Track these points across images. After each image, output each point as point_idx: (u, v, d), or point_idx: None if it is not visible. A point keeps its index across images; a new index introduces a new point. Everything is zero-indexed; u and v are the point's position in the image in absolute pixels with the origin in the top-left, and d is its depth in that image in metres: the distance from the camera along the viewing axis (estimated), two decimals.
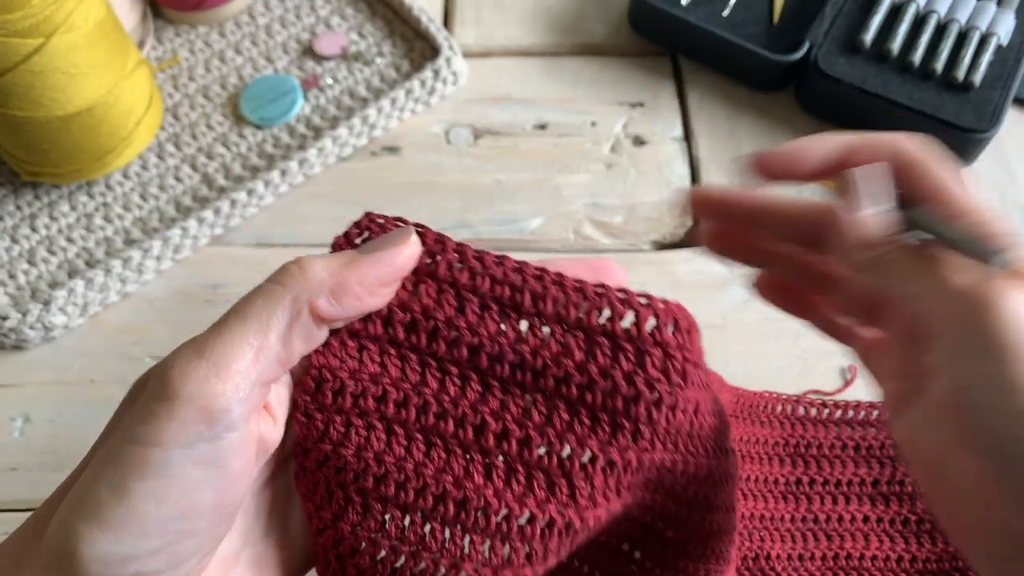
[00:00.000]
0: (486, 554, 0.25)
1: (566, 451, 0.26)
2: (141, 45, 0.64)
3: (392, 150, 0.61)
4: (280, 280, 0.25)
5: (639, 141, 0.62)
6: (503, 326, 0.27)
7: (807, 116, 0.63)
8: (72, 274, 0.55)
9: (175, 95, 0.63)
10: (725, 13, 0.64)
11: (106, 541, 0.22)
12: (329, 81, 0.63)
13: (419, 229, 0.28)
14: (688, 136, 0.62)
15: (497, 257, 0.27)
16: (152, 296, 0.55)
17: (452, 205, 0.59)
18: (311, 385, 0.26)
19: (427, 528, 0.25)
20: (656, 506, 0.30)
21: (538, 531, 0.25)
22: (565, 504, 0.26)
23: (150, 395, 0.23)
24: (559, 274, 0.27)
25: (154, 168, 0.59)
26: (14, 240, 0.57)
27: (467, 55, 0.65)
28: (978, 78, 0.58)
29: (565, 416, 0.26)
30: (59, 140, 0.53)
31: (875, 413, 0.50)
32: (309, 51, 0.65)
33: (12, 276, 0.55)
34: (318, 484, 0.26)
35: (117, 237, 0.57)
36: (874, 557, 0.45)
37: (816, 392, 0.52)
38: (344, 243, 0.28)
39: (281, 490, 0.28)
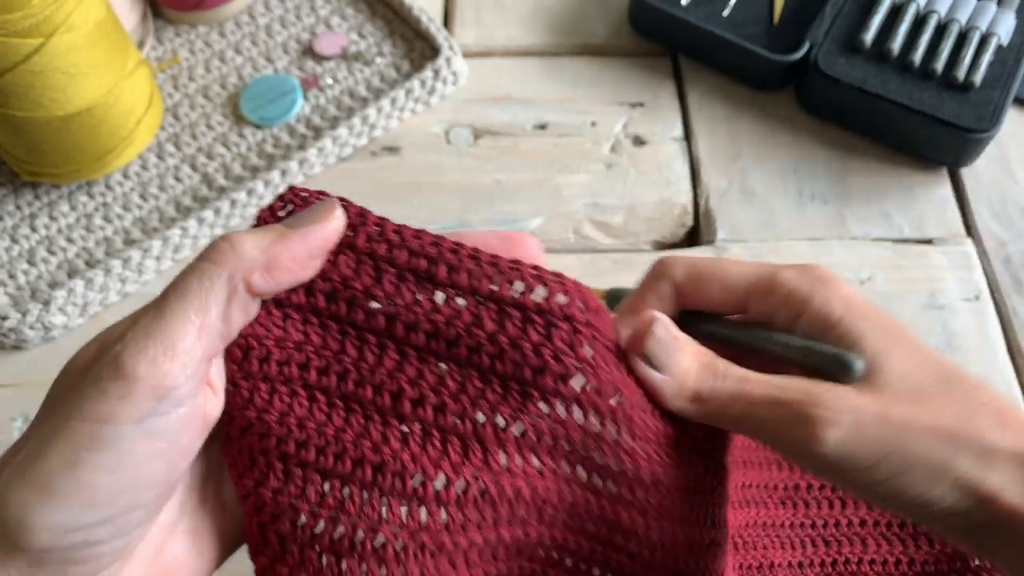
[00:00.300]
0: (403, 518, 0.26)
1: (480, 417, 0.27)
2: (141, 45, 0.64)
3: (392, 150, 0.61)
4: (213, 258, 0.25)
5: (639, 141, 0.62)
6: (419, 296, 0.27)
7: (807, 116, 0.63)
8: (72, 274, 0.55)
9: (175, 95, 0.63)
10: (725, 13, 0.64)
11: (55, 511, 0.23)
12: (329, 81, 0.63)
13: (342, 202, 0.29)
14: (688, 136, 0.62)
15: (416, 231, 0.28)
16: (152, 296, 0.55)
17: (452, 205, 0.59)
18: (238, 354, 0.27)
19: (345, 492, 0.26)
20: (607, 515, 0.30)
21: (453, 495, 0.26)
22: (479, 468, 0.26)
23: (101, 375, 0.24)
24: (475, 248, 0.28)
25: (154, 168, 0.60)
26: (14, 240, 0.57)
27: (467, 55, 0.65)
28: (978, 78, 0.58)
29: (478, 384, 0.27)
30: (59, 140, 0.53)
31: None
32: (309, 51, 0.65)
33: (12, 276, 0.55)
34: (242, 451, 0.27)
35: (117, 237, 0.57)
36: (872, 561, 0.45)
37: None
38: (268, 216, 0.28)
39: (214, 461, 0.29)
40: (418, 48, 0.65)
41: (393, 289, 0.27)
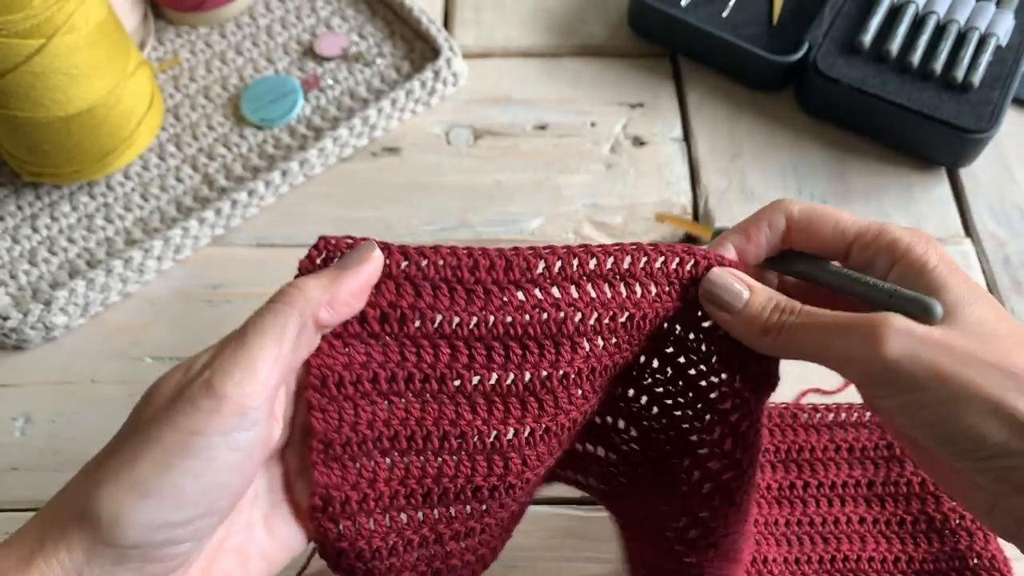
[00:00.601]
0: (488, 468, 0.33)
1: (527, 377, 0.33)
2: (142, 46, 0.64)
3: (392, 151, 0.62)
4: (285, 300, 0.30)
5: (639, 141, 0.62)
6: (455, 297, 0.33)
7: (806, 116, 0.63)
8: (73, 274, 0.56)
9: (176, 96, 0.63)
10: (725, 14, 0.64)
11: (148, 509, 0.26)
12: (330, 82, 0.63)
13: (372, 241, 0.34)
14: (688, 136, 0.63)
15: (432, 247, 0.33)
16: (153, 296, 0.55)
17: (452, 205, 0.59)
18: (316, 384, 0.32)
19: (438, 461, 0.33)
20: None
21: (523, 440, 0.33)
22: (538, 416, 0.33)
23: (193, 394, 0.28)
24: (483, 248, 0.33)
25: (155, 168, 0.60)
26: (15, 240, 0.57)
27: (467, 56, 0.65)
28: (977, 78, 0.58)
29: (518, 352, 0.33)
30: (60, 141, 0.53)
31: (867, 415, 0.50)
32: (310, 52, 0.65)
33: (13, 276, 0.55)
34: (346, 466, 0.32)
35: (118, 237, 0.57)
36: (871, 559, 0.46)
37: (816, 391, 0.52)
38: (308, 265, 0.33)
39: (263, 487, 0.32)
40: (418, 49, 0.65)
41: (432, 299, 0.33)
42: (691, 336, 0.35)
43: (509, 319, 0.33)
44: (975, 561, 0.45)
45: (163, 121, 0.61)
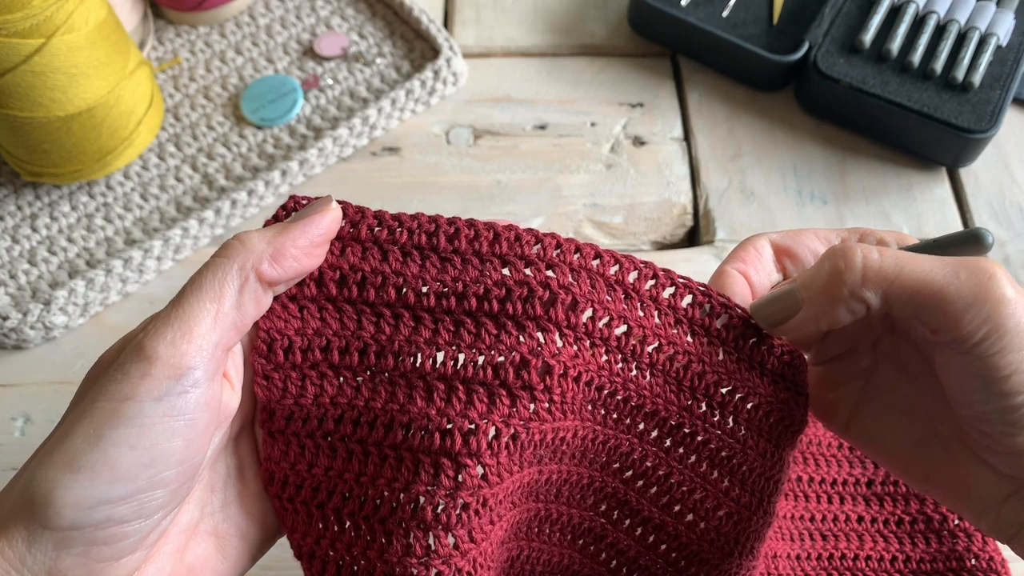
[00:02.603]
0: (435, 473, 0.27)
1: (499, 360, 0.28)
2: (142, 46, 0.64)
3: (392, 150, 0.62)
4: (224, 254, 0.28)
5: (639, 141, 0.62)
6: (426, 264, 0.29)
7: (806, 116, 0.63)
8: (73, 274, 0.56)
9: (176, 95, 0.63)
10: (725, 13, 0.64)
11: (80, 485, 0.24)
12: (329, 81, 0.63)
13: (341, 203, 0.31)
14: (688, 136, 0.63)
15: (413, 215, 0.30)
16: (153, 296, 0.55)
17: (452, 205, 0.59)
18: (263, 348, 0.29)
19: (380, 457, 0.28)
20: (621, 446, 0.31)
21: (484, 444, 0.27)
22: (507, 415, 0.27)
23: (123, 359, 0.26)
24: (470, 220, 0.30)
25: (155, 168, 0.60)
26: (15, 240, 0.57)
27: (467, 56, 0.65)
28: (977, 78, 0.58)
29: (492, 330, 0.28)
30: (60, 140, 0.53)
31: None
32: (310, 52, 0.65)
33: (13, 276, 0.55)
34: (289, 442, 0.29)
35: (118, 237, 0.57)
36: (868, 557, 0.46)
37: None
38: (274, 223, 0.30)
39: (234, 464, 0.30)
40: (418, 49, 0.65)
41: (400, 264, 0.29)
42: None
43: (485, 288, 0.29)
44: (973, 562, 0.45)
45: (163, 121, 0.61)
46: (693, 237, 0.59)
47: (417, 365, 0.28)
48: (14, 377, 0.53)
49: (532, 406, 0.28)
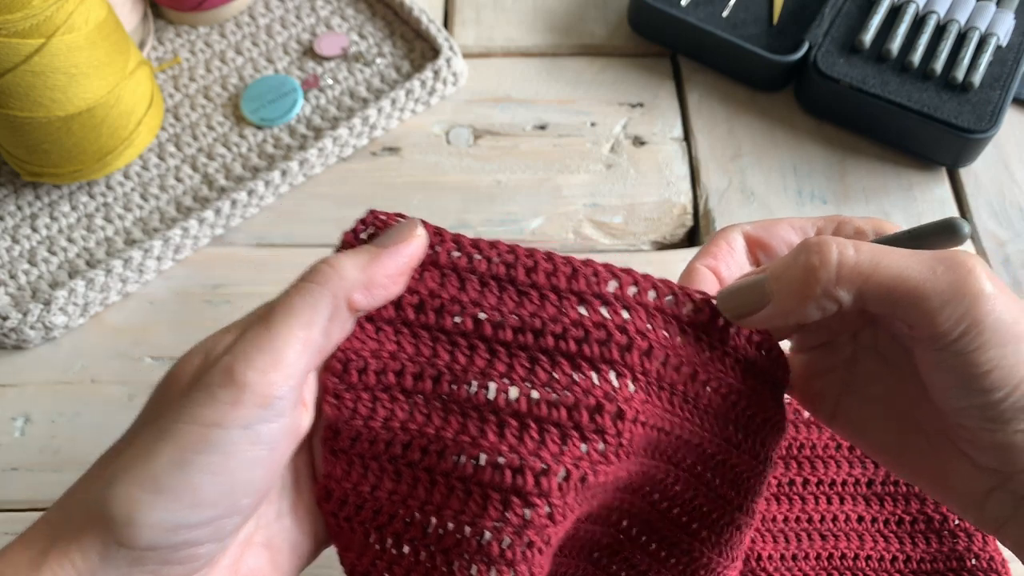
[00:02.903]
0: (503, 511, 0.27)
1: (572, 402, 0.28)
2: (142, 46, 0.64)
3: (392, 150, 0.62)
4: (317, 280, 0.27)
5: (639, 141, 0.62)
6: (503, 296, 0.29)
7: (806, 116, 0.63)
8: (73, 274, 0.56)
9: (176, 95, 0.63)
10: (725, 13, 0.64)
11: (162, 508, 0.24)
12: (329, 81, 0.63)
13: (420, 222, 0.30)
14: (688, 136, 0.63)
15: (490, 241, 0.30)
16: (153, 296, 0.55)
17: (452, 205, 0.59)
18: (338, 367, 0.29)
19: (447, 487, 0.28)
20: (658, 474, 0.31)
21: (554, 484, 0.27)
22: (578, 458, 0.27)
23: (212, 382, 0.25)
24: (548, 251, 0.30)
25: (155, 168, 0.60)
26: (15, 240, 0.57)
27: (467, 56, 0.65)
28: (977, 78, 0.58)
29: (568, 371, 0.28)
30: (60, 140, 0.53)
31: None
32: (310, 52, 0.65)
33: (13, 276, 0.55)
34: (353, 462, 0.29)
35: (118, 237, 0.57)
36: (868, 557, 0.46)
37: None
38: (352, 239, 0.30)
39: (290, 477, 0.30)
40: (418, 49, 0.65)
41: (477, 294, 0.29)
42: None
43: (563, 328, 0.28)
44: (973, 562, 0.45)
45: (163, 121, 0.61)
46: (693, 237, 0.59)
47: (491, 399, 0.28)
48: (14, 377, 0.53)
49: (602, 447, 0.28)
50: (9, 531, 0.47)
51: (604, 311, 0.29)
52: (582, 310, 0.29)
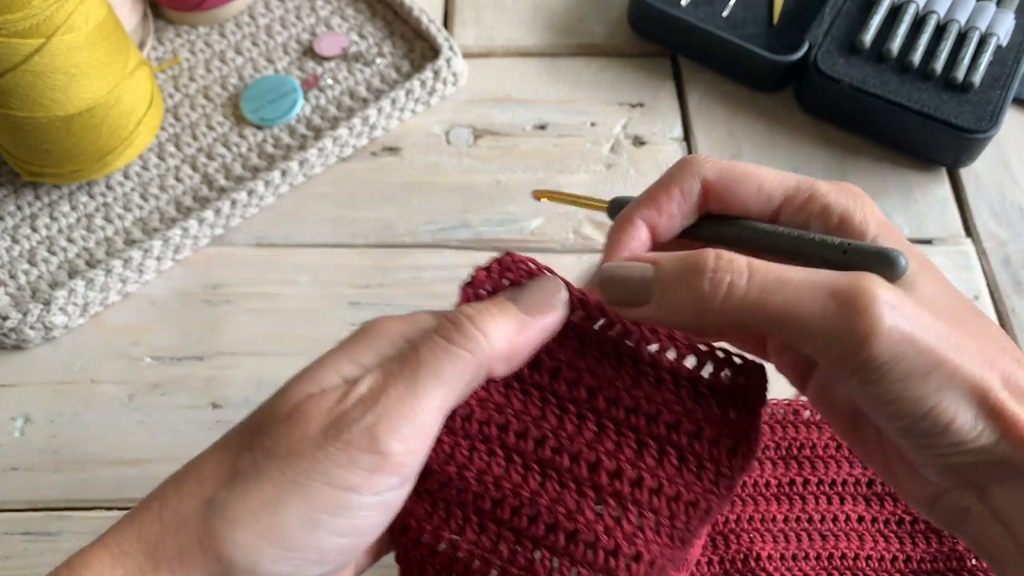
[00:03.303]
0: None
1: (675, 493, 0.28)
2: (142, 45, 0.64)
3: (392, 150, 0.62)
4: (467, 347, 0.27)
5: (639, 141, 0.62)
6: (621, 371, 0.28)
7: (806, 116, 0.63)
8: (72, 274, 0.56)
9: (176, 95, 0.63)
10: (725, 13, 0.64)
11: (288, 563, 0.24)
12: (329, 81, 0.63)
13: (550, 273, 0.30)
14: (688, 136, 0.63)
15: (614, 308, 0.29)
16: (153, 296, 0.55)
17: (452, 205, 0.59)
18: None
19: (536, 555, 0.27)
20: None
21: (642, 570, 0.27)
22: (665, 544, 0.27)
23: (353, 443, 0.25)
24: (670, 330, 0.29)
25: (155, 168, 0.60)
26: (15, 240, 0.57)
27: (467, 55, 0.65)
28: (978, 78, 0.58)
29: (675, 462, 0.28)
30: (60, 140, 0.53)
31: None
32: (309, 51, 0.65)
33: (13, 276, 0.55)
34: (437, 505, 0.28)
35: (117, 237, 0.57)
36: (868, 557, 0.46)
37: None
38: (484, 277, 0.29)
39: None
40: (418, 48, 0.65)
41: (595, 363, 0.28)
42: None
43: (677, 419, 0.28)
44: (973, 562, 0.45)
45: (163, 121, 0.61)
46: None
47: (593, 475, 0.28)
48: (14, 377, 0.52)
49: (687, 537, 0.28)
50: (9, 531, 0.47)
51: (717, 408, 0.28)
52: (698, 404, 0.28)
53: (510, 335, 0.27)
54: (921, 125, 0.58)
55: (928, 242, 0.58)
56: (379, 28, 0.66)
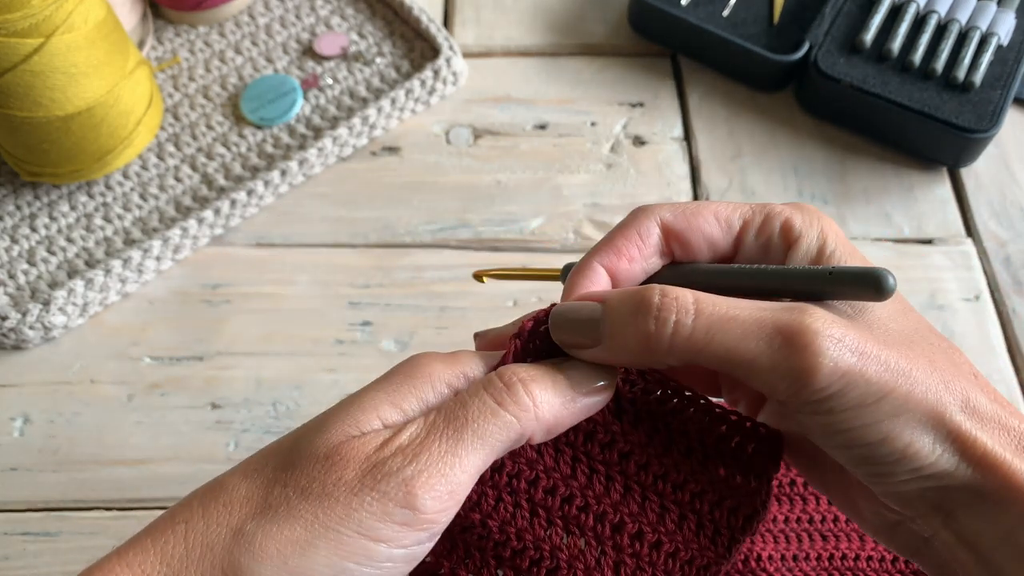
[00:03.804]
0: None
1: (689, 557, 0.28)
2: (141, 45, 0.64)
3: (392, 150, 0.61)
4: (517, 415, 0.26)
5: (639, 141, 0.62)
6: (653, 438, 0.29)
7: (807, 116, 0.63)
8: (72, 274, 0.55)
9: (175, 95, 0.63)
10: (725, 13, 0.64)
11: None
12: (329, 81, 0.63)
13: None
14: (688, 136, 0.62)
15: (656, 373, 0.30)
16: (152, 296, 0.55)
17: (452, 205, 0.59)
18: None
19: None
20: None
21: None
22: None
23: (388, 494, 0.24)
24: (704, 397, 0.30)
25: (154, 168, 0.60)
26: (14, 240, 0.57)
27: (467, 55, 0.65)
28: (978, 78, 0.58)
29: (693, 528, 0.29)
30: (59, 140, 0.53)
31: None
32: (309, 51, 0.65)
33: (12, 276, 0.55)
34: (457, 545, 0.28)
35: (117, 237, 0.57)
36: (869, 557, 0.45)
37: None
38: (532, 327, 0.29)
39: None
40: (418, 48, 0.65)
41: (630, 428, 0.29)
42: None
43: (702, 488, 0.29)
44: None
45: (162, 121, 0.61)
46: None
47: (615, 535, 0.28)
48: (13, 377, 0.52)
49: None
50: (9, 531, 0.47)
51: (738, 478, 0.29)
52: (721, 471, 0.29)
53: (556, 408, 0.27)
54: (922, 125, 0.58)
55: (929, 242, 0.58)
56: (379, 28, 0.66)
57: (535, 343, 0.29)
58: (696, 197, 0.60)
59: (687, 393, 0.30)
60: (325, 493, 0.25)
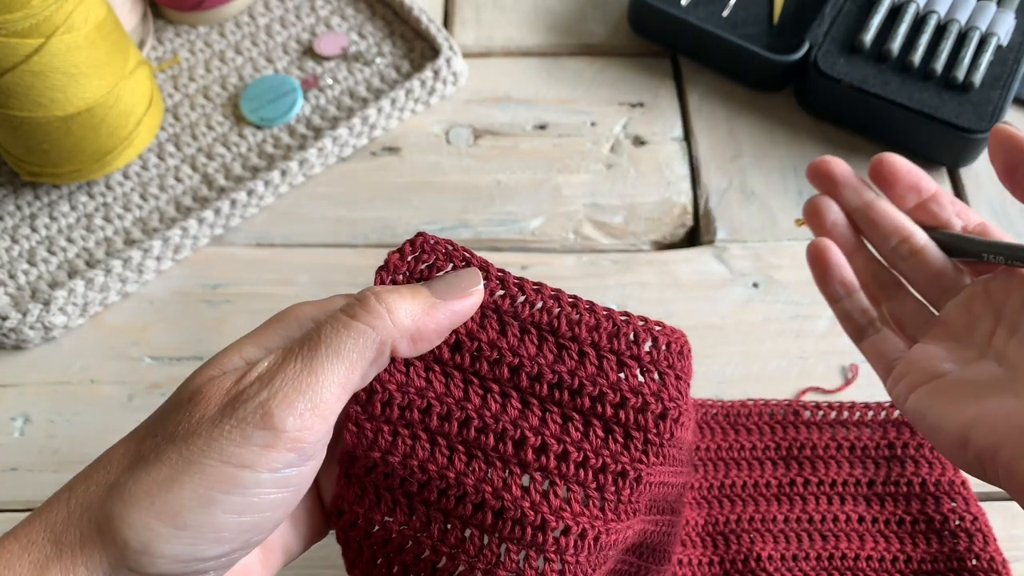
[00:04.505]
0: (520, 564, 0.27)
1: (600, 465, 0.28)
2: (141, 45, 0.64)
3: (392, 150, 0.62)
4: (370, 322, 0.26)
5: (639, 141, 0.62)
6: (543, 348, 0.29)
7: (807, 116, 0.63)
8: (72, 274, 0.56)
9: (175, 95, 0.63)
10: (725, 13, 0.64)
11: (182, 542, 0.24)
12: (329, 81, 0.63)
13: (467, 255, 0.30)
14: (688, 136, 0.62)
15: (535, 284, 0.29)
16: (152, 296, 0.55)
17: (452, 205, 0.59)
18: (362, 396, 0.28)
19: (466, 533, 0.27)
20: (650, 526, 0.32)
21: (572, 543, 0.27)
22: (595, 516, 0.28)
23: (247, 420, 0.24)
24: (590, 302, 0.29)
25: (154, 168, 0.60)
26: (14, 240, 0.57)
27: (467, 55, 0.65)
28: (978, 78, 0.58)
29: (600, 434, 0.28)
30: (59, 140, 0.53)
31: (870, 414, 0.50)
32: (309, 51, 0.65)
33: (12, 276, 0.55)
34: (366, 489, 0.28)
35: (117, 237, 0.57)
36: (869, 557, 0.46)
37: (816, 389, 0.52)
38: (397, 261, 0.29)
39: None
40: (418, 48, 0.65)
41: (517, 342, 0.29)
42: None
43: (601, 391, 0.28)
44: (974, 562, 0.45)
45: (162, 121, 0.61)
46: (693, 237, 0.59)
47: (518, 452, 0.28)
48: (14, 377, 0.52)
49: (618, 511, 0.28)
50: None
51: (640, 376, 0.29)
52: (621, 375, 0.28)
53: (416, 314, 0.27)
54: (921, 125, 0.58)
55: None
56: (379, 28, 0.66)
57: (403, 275, 0.29)
58: (696, 198, 0.60)
59: (569, 298, 0.30)
60: (189, 431, 0.25)
